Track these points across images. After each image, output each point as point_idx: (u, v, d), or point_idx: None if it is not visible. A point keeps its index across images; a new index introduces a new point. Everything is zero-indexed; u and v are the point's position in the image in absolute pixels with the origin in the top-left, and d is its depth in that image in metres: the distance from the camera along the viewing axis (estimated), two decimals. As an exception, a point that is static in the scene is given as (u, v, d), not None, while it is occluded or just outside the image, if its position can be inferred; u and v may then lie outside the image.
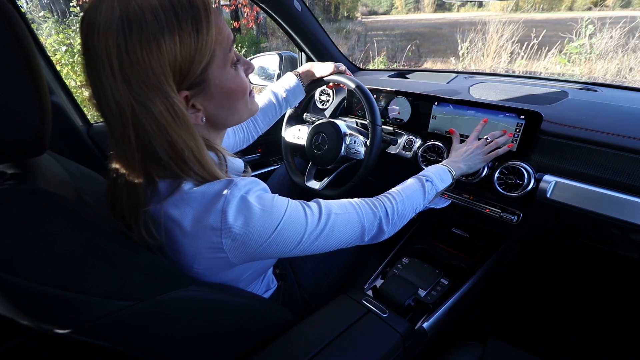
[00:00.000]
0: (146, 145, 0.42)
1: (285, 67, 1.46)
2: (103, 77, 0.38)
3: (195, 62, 0.42)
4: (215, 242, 0.44)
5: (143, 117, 0.40)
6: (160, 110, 0.40)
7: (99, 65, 0.38)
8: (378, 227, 0.61)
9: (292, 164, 1.15)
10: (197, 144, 0.45)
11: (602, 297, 1.10)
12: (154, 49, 0.38)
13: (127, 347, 0.45)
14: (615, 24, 3.91)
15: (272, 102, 0.95)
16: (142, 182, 0.45)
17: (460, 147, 0.83)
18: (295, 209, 0.51)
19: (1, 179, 0.39)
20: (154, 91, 0.40)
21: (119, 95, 0.39)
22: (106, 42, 0.37)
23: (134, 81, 0.39)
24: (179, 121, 0.42)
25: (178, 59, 0.40)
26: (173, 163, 0.44)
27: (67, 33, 3.60)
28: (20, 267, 0.34)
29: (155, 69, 0.39)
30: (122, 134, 0.41)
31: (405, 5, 23.95)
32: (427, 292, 0.84)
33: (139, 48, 0.38)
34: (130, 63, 0.38)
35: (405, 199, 0.66)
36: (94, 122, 1.08)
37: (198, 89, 0.45)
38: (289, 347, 0.59)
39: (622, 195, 0.67)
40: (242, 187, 0.45)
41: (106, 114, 0.41)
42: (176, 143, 0.43)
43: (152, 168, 0.45)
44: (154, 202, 0.46)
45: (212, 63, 0.44)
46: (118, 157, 0.46)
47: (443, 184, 0.73)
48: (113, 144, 0.45)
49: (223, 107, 0.50)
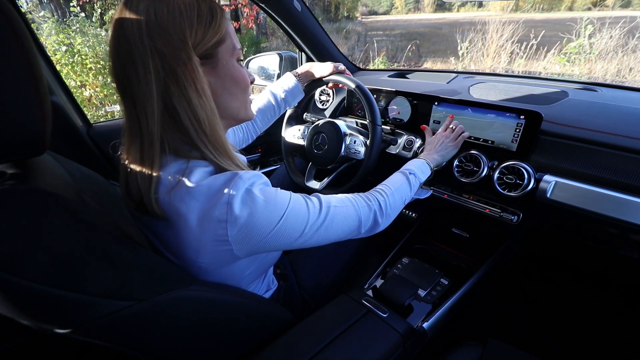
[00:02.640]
0: (166, 103, 0.46)
1: (285, 67, 1.46)
2: (130, 37, 0.43)
3: (208, 37, 0.48)
4: (220, 235, 0.45)
5: (165, 74, 0.45)
6: (180, 66, 0.45)
7: (129, 28, 0.43)
8: (373, 220, 0.64)
9: (292, 164, 1.15)
10: (210, 105, 0.49)
11: (602, 297, 1.10)
12: (177, 16, 0.45)
13: (127, 347, 0.45)
14: (615, 24, 3.90)
15: (271, 103, 0.95)
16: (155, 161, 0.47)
17: (432, 139, 0.90)
18: (297, 201, 0.53)
19: (1, 179, 0.39)
20: (175, 49, 0.45)
21: (145, 53, 0.43)
22: (138, 8, 0.44)
23: (159, 39, 0.44)
24: (196, 78, 0.46)
25: (195, 27, 0.46)
26: (189, 121, 0.47)
27: (67, 33, 3.59)
28: (20, 267, 0.34)
29: (177, 31, 0.45)
30: (145, 93, 0.45)
31: (405, 5, 23.94)
32: (427, 292, 0.84)
33: (165, 13, 0.44)
34: (157, 24, 0.44)
35: (395, 192, 0.71)
36: (94, 122, 1.08)
37: (208, 61, 0.49)
38: (289, 347, 0.59)
39: (622, 195, 0.67)
40: (246, 180, 0.46)
41: (130, 74, 0.45)
42: (192, 100, 0.46)
43: (168, 134, 0.48)
44: (161, 189, 0.48)
45: (222, 43, 0.50)
46: (134, 134, 0.48)
47: (424, 176, 0.80)
48: (129, 117, 0.48)
49: (226, 90, 0.53)
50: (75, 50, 3.43)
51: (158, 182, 0.48)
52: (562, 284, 1.16)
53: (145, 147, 0.47)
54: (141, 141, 0.48)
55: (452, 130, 0.89)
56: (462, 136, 0.88)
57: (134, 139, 0.48)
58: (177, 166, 0.49)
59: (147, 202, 0.48)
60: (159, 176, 0.48)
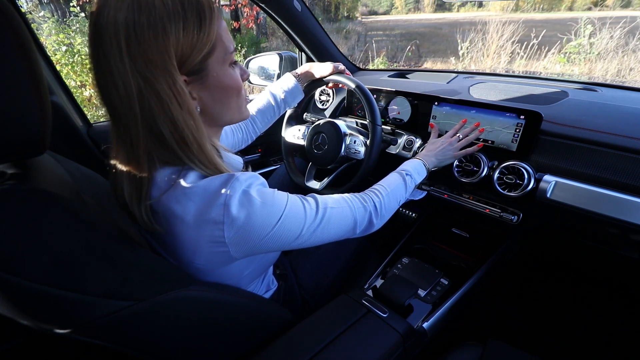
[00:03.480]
0: (151, 125, 0.44)
1: (285, 67, 1.46)
2: (110, 56, 0.40)
3: (196, 50, 0.44)
4: (217, 236, 0.45)
5: (148, 95, 0.42)
6: (164, 88, 0.42)
7: (107, 45, 0.40)
8: (368, 221, 0.64)
9: (292, 164, 1.14)
10: (197, 125, 0.47)
11: (602, 297, 1.10)
12: (159, 30, 0.41)
13: (127, 347, 0.45)
14: (616, 24, 3.90)
15: (271, 103, 0.95)
16: (143, 171, 0.46)
17: (436, 141, 0.87)
18: (294, 203, 0.52)
19: (1, 179, 0.39)
20: (158, 70, 0.42)
21: (126, 74, 0.41)
22: (115, 22, 0.40)
23: (140, 59, 0.41)
24: (181, 100, 0.44)
25: (181, 42, 0.43)
26: (175, 142, 0.45)
27: (67, 33, 3.59)
28: (20, 267, 0.34)
29: (160, 49, 0.41)
30: (127, 113, 0.43)
31: (405, 5, 23.94)
32: (427, 292, 0.84)
33: (146, 28, 0.40)
34: (137, 42, 0.40)
35: (391, 193, 0.70)
36: (94, 122, 1.08)
37: (196, 77, 0.47)
38: (289, 347, 0.59)
39: (622, 195, 0.67)
40: (243, 181, 0.46)
41: (111, 94, 0.42)
42: (177, 121, 0.44)
43: (155, 151, 0.46)
44: (156, 194, 0.47)
45: (211, 55, 0.47)
46: (122, 143, 0.47)
47: (420, 177, 0.79)
48: (115, 129, 0.46)
49: (217, 101, 0.51)
50: (75, 50, 3.43)
51: (148, 190, 0.47)
52: (562, 284, 1.16)
53: (132, 162, 0.46)
54: (128, 157, 0.47)
55: (458, 138, 0.86)
56: (465, 150, 0.85)
57: (121, 151, 0.47)
58: (171, 171, 0.48)
59: (136, 212, 0.47)
60: (150, 185, 0.47)
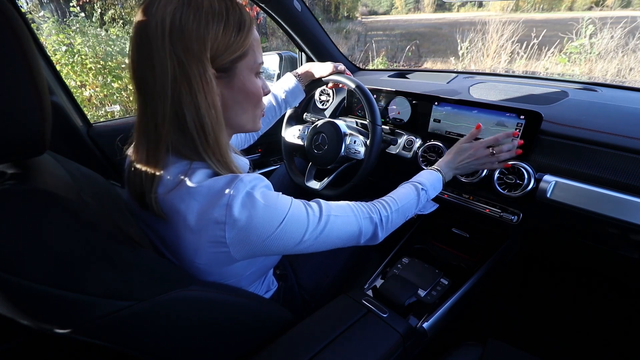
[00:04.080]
0: (177, 109, 0.47)
1: (285, 67, 1.46)
2: (153, 41, 0.43)
3: (230, 51, 0.48)
4: (218, 236, 0.45)
5: (180, 79, 0.45)
6: (195, 75, 0.45)
7: (152, 29, 0.43)
8: (373, 232, 0.64)
9: (292, 164, 1.15)
10: (217, 115, 0.49)
11: (602, 297, 1.10)
12: (202, 24, 0.45)
13: (127, 347, 0.45)
14: (616, 24, 3.90)
15: (272, 104, 0.95)
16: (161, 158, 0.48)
17: (465, 149, 0.79)
18: (298, 208, 0.52)
19: (1, 179, 0.39)
20: (193, 58, 0.45)
21: (165, 56, 0.44)
22: (164, 11, 0.43)
23: (180, 45, 0.44)
24: (208, 89, 0.47)
25: (218, 39, 0.46)
26: (195, 129, 0.47)
27: (67, 33, 3.59)
28: (20, 267, 0.34)
29: (199, 40, 0.45)
30: (160, 94, 0.45)
31: (405, 5, 23.92)
32: (427, 292, 0.84)
33: (191, 20, 0.44)
34: (180, 30, 0.44)
35: (401, 209, 0.69)
36: (94, 122, 1.08)
37: (224, 74, 0.50)
38: (289, 347, 0.59)
39: (622, 195, 0.67)
40: (247, 183, 0.47)
41: (146, 76, 0.45)
42: (200, 107, 0.47)
43: (173, 138, 0.48)
44: (161, 190, 0.48)
45: (242, 59, 0.50)
46: (144, 129, 0.48)
47: (434, 192, 0.76)
48: (142, 114, 0.48)
49: (237, 102, 0.53)
50: (75, 50, 3.43)
51: (160, 181, 0.49)
52: (562, 284, 1.16)
53: (151, 147, 0.48)
54: (148, 140, 0.48)
55: (491, 153, 0.77)
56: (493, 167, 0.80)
57: (142, 137, 0.49)
58: (180, 167, 0.49)
59: (148, 200, 0.49)
60: (161, 175, 0.49)
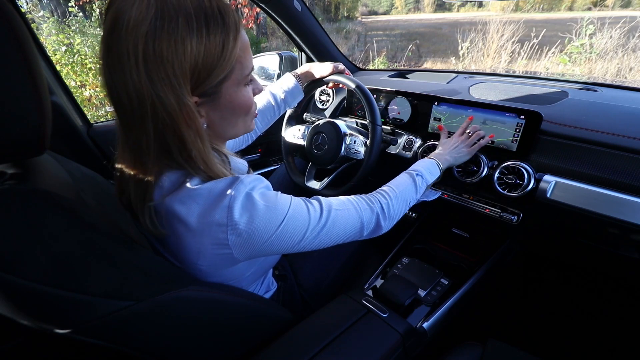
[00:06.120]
0: (161, 137, 0.44)
1: (285, 67, 1.46)
2: (126, 68, 0.39)
3: (214, 74, 0.44)
4: (220, 238, 0.45)
5: (160, 110, 0.42)
6: (174, 108, 0.42)
7: (124, 55, 0.39)
8: (376, 222, 0.63)
9: (292, 164, 1.14)
10: (204, 147, 0.47)
11: (602, 297, 1.10)
12: (179, 50, 0.40)
13: (127, 347, 0.45)
14: (615, 24, 3.90)
15: (271, 104, 0.95)
16: (150, 174, 0.47)
17: (447, 141, 0.87)
18: (298, 205, 0.52)
19: (1, 179, 0.39)
20: (171, 89, 0.41)
21: (140, 87, 0.40)
22: (135, 35, 0.38)
23: (155, 75, 0.40)
24: (190, 122, 0.44)
25: (199, 65, 0.42)
26: (182, 158, 0.46)
27: (67, 33, 3.59)
28: (20, 267, 0.34)
29: (176, 69, 0.40)
30: (139, 123, 0.43)
31: (405, 5, 23.91)
32: (427, 292, 0.84)
33: (165, 45, 0.39)
34: (154, 57, 0.39)
35: (399, 194, 0.69)
36: (94, 122, 1.08)
37: (208, 99, 0.47)
38: (289, 347, 0.59)
39: (622, 195, 0.67)
40: (247, 184, 0.46)
41: (123, 103, 0.42)
42: (186, 141, 0.44)
43: (163, 159, 0.47)
44: (158, 196, 0.47)
45: (228, 78, 0.46)
46: (130, 149, 0.47)
47: (432, 177, 0.77)
48: (125, 135, 0.46)
49: (225, 120, 0.51)
50: (75, 50, 3.43)
51: (153, 192, 0.48)
52: (562, 284, 1.16)
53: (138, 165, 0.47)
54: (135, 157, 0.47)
55: (468, 135, 0.87)
56: (479, 143, 0.85)
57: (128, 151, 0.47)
58: (177, 175, 0.48)
59: (139, 216, 0.48)
60: (154, 187, 0.48)
